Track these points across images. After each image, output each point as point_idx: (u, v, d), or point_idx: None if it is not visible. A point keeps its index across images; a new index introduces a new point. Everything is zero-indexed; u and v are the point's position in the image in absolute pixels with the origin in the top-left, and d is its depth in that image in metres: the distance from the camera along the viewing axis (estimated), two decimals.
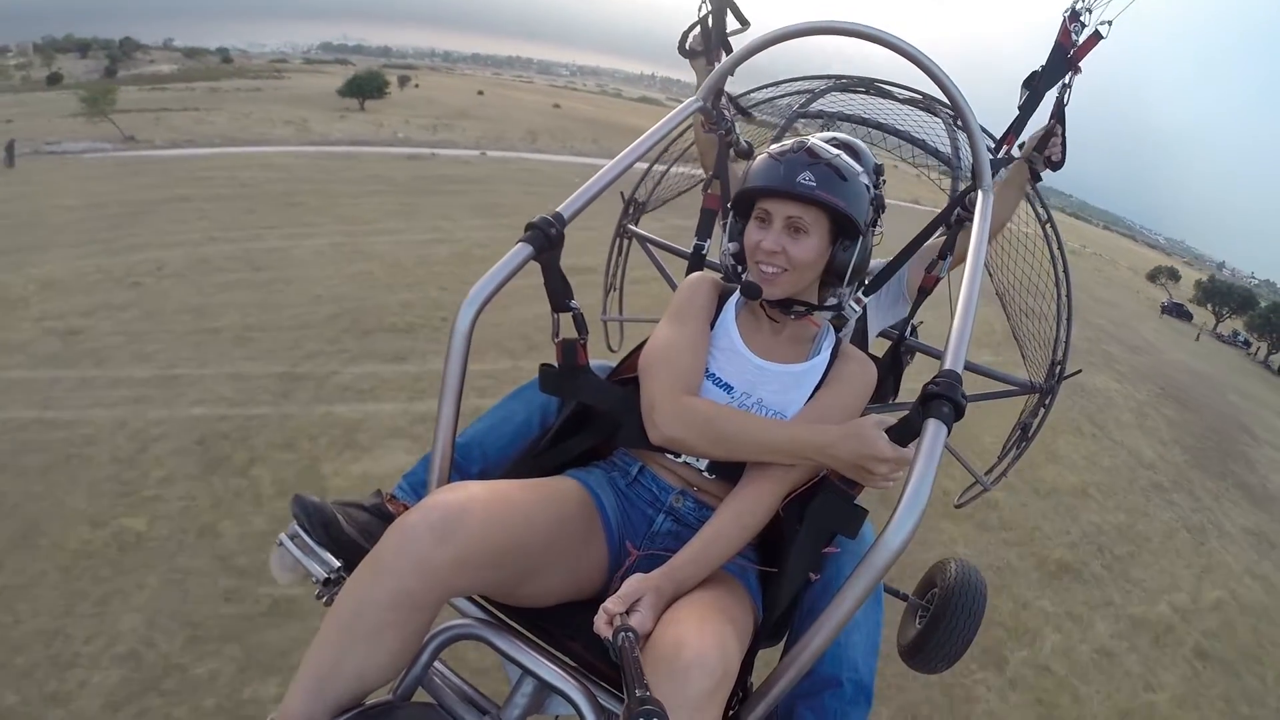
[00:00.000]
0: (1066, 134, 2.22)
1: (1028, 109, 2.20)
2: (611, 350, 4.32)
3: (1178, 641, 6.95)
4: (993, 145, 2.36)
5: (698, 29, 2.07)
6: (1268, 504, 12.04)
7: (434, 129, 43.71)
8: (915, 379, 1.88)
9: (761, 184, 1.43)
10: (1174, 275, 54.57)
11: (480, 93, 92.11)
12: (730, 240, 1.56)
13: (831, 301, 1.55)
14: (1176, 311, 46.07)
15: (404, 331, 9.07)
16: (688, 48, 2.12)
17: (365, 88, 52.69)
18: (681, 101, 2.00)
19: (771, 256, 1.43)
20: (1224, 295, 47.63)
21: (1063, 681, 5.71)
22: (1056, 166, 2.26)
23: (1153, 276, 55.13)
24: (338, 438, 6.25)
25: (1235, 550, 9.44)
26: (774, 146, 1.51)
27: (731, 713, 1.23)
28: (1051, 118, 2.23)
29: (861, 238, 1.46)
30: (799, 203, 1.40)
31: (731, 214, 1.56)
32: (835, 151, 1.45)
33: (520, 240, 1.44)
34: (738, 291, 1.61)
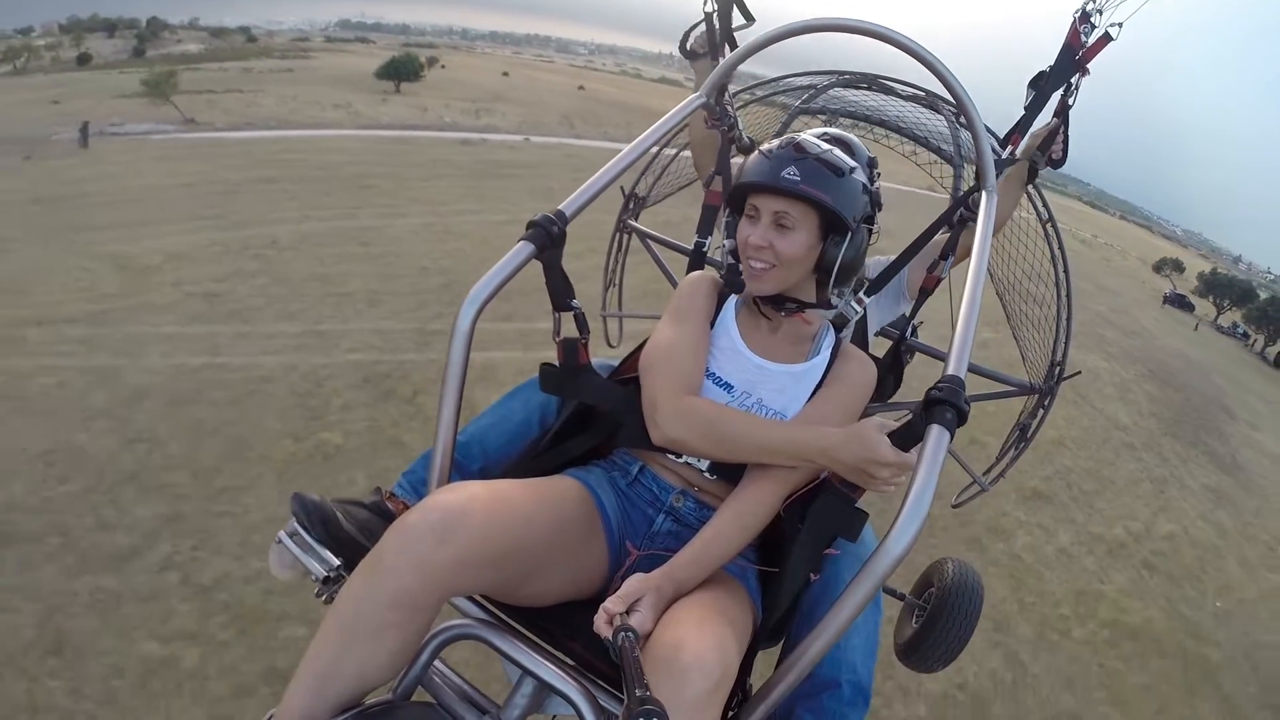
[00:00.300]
0: (1069, 132, 2.24)
1: (1034, 109, 2.17)
2: (611, 346, 4.27)
3: (1129, 555, 8.77)
4: (997, 145, 2.36)
5: (700, 29, 2.10)
6: (1233, 471, 13.63)
7: (475, 113, 45.10)
8: (914, 376, 2.04)
9: (749, 179, 1.46)
10: (1178, 267, 55.06)
11: (505, 74, 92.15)
12: (727, 237, 1.59)
13: (830, 300, 1.56)
14: (1178, 302, 47.67)
15: (502, 299, 10.95)
16: (689, 48, 2.15)
17: (402, 71, 54.41)
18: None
19: (759, 252, 1.45)
20: (1225, 288, 49.15)
21: (1030, 567, 7.59)
22: (1058, 164, 2.28)
23: (1158, 267, 56.04)
24: (478, 376, 7.93)
25: (1193, 501, 11.16)
26: (766, 144, 1.53)
27: (731, 714, 1.24)
28: (1055, 115, 2.23)
29: (851, 234, 1.45)
30: (784, 197, 1.42)
31: (727, 211, 1.58)
32: (826, 147, 1.46)
33: (521, 239, 1.46)
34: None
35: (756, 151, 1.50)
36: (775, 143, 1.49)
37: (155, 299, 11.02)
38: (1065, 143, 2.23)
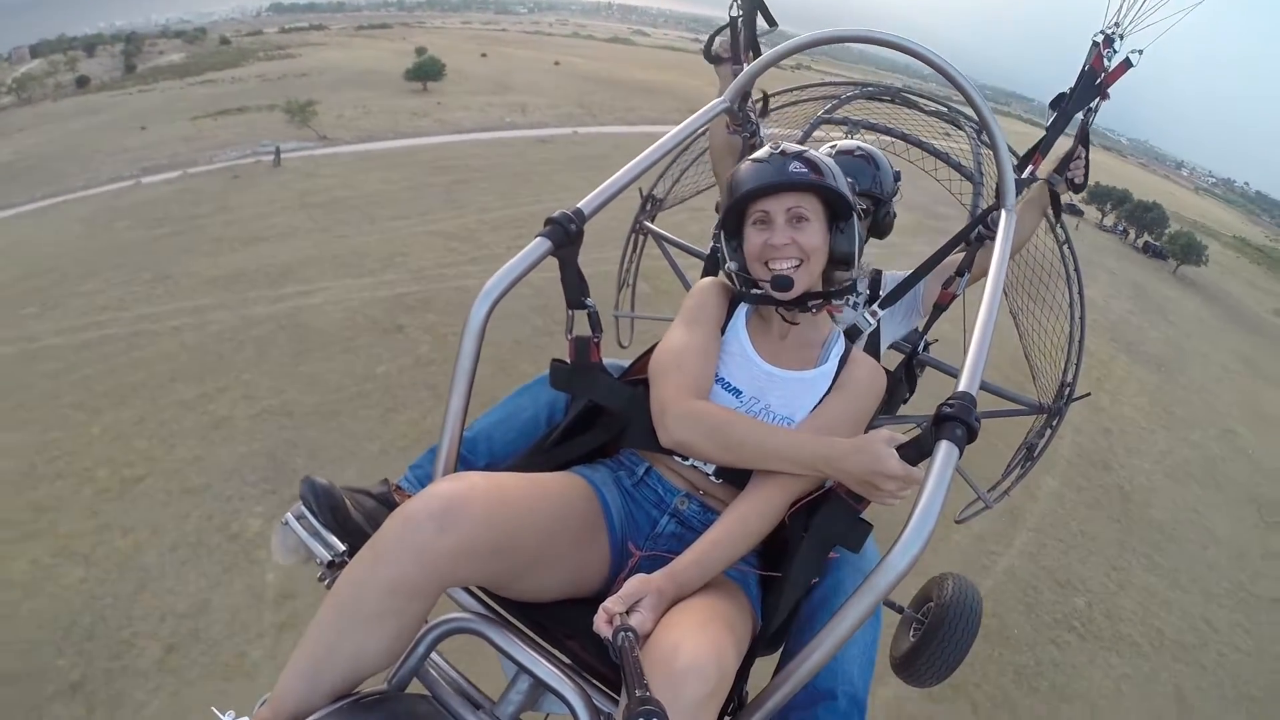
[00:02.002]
0: (1089, 156, 2.31)
1: (1055, 130, 2.26)
2: (622, 346, 4.40)
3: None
4: (1017, 164, 2.39)
5: (725, 33, 2.15)
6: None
7: (523, 110, 51.11)
8: (927, 392, 2.08)
9: (754, 184, 1.51)
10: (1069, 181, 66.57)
11: (484, 55, 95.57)
12: (731, 260, 1.61)
13: (848, 284, 1.61)
14: (1070, 210, 57.47)
15: None
16: (714, 53, 2.21)
17: (429, 71, 60.96)
18: (648, 33, 5.24)
19: (783, 250, 1.50)
20: (1106, 196, 59.04)
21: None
22: (1079, 189, 2.34)
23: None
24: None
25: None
26: (747, 159, 1.59)
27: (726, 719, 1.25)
28: (1076, 140, 2.31)
29: (855, 217, 1.55)
30: (796, 192, 1.50)
31: (722, 236, 1.63)
32: (803, 147, 1.56)
33: (539, 235, 1.50)
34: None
35: (748, 164, 1.56)
36: (759, 153, 1.57)
37: (493, 249, 19.00)
38: (1086, 166, 2.30)
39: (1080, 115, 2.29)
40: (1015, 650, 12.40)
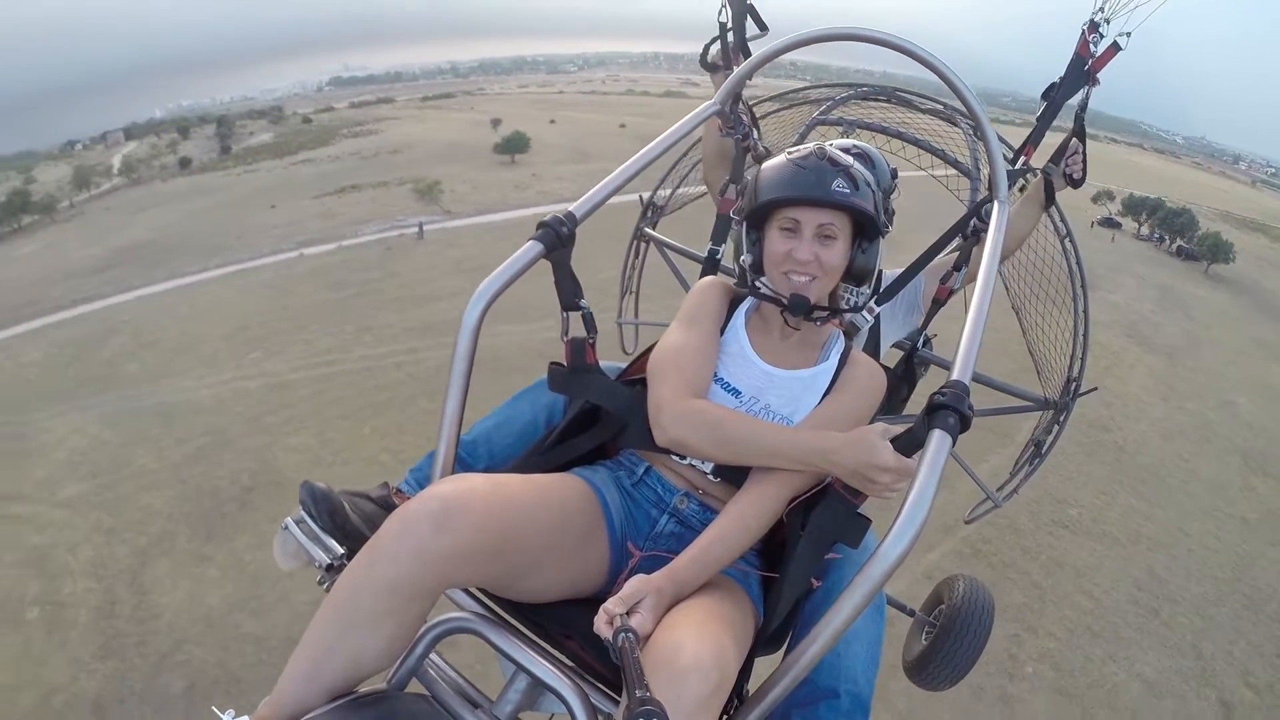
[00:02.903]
0: (1086, 149, 2.33)
1: (1045, 120, 2.33)
2: (626, 353, 4.36)
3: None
4: (1011, 156, 2.47)
5: (718, 42, 2.19)
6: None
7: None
8: (929, 388, 2.07)
9: (792, 193, 1.49)
10: (1110, 196, 67.51)
11: (552, 121, 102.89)
12: (748, 252, 1.61)
13: (849, 303, 1.61)
14: (1108, 224, 61.40)
15: None
16: (709, 61, 2.24)
17: (516, 145, 67.35)
18: (698, 82, 7.26)
19: (805, 266, 1.50)
20: (1140, 206, 62.20)
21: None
22: (1077, 184, 2.35)
23: (1095, 199, 67.92)
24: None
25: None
26: (788, 154, 1.56)
27: (725, 718, 1.26)
28: (1072, 134, 2.34)
29: (879, 239, 1.57)
30: (829, 209, 1.48)
31: (745, 227, 1.61)
32: (850, 158, 1.54)
33: (531, 238, 1.51)
34: (749, 298, 1.70)
35: (786, 163, 1.53)
36: (799, 152, 1.54)
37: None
38: (1084, 160, 2.31)
39: (1078, 110, 2.32)
40: (1021, 536, 18.43)
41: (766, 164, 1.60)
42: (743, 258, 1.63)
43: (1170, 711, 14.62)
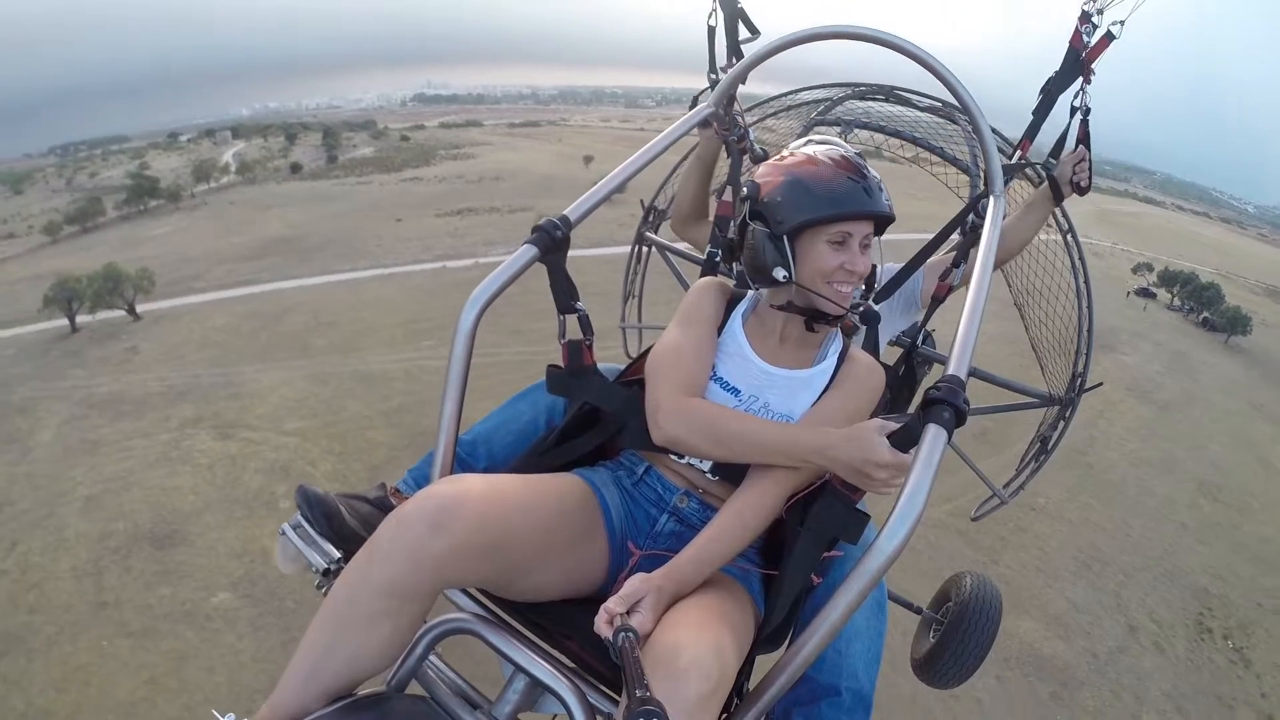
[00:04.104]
0: (1092, 157, 2.43)
1: (1041, 113, 2.34)
2: (630, 358, 3.86)
3: None
4: (1008, 151, 2.54)
5: (708, 93, 2.25)
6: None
7: None
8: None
9: (852, 207, 1.53)
10: (1149, 268, 72.49)
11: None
12: (778, 264, 1.58)
13: (856, 303, 1.72)
14: (1144, 293, 66.79)
15: None
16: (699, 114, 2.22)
17: None
18: (772, 128, 2.54)
19: (855, 277, 1.57)
20: (1175, 279, 67.01)
21: None
22: (1084, 191, 2.45)
23: (1135, 269, 74.77)
24: None
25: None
26: (818, 160, 1.58)
27: (725, 716, 1.30)
28: (1078, 142, 2.44)
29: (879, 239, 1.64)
30: (869, 221, 1.57)
31: (785, 240, 1.57)
32: (865, 162, 1.61)
33: (526, 241, 1.58)
34: (746, 297, 1.78)
35: (827, 170, 1.55)
36: (834, 159, 1.57)
37: None
38: (1090, 168, 2.41)
39: (1080, 116, 2.36)
40: (994, 515, 26.24)
41: (799, 171, 1.57)
42: (779, 272, 1.58)
43: (1086, 621, 20.51)
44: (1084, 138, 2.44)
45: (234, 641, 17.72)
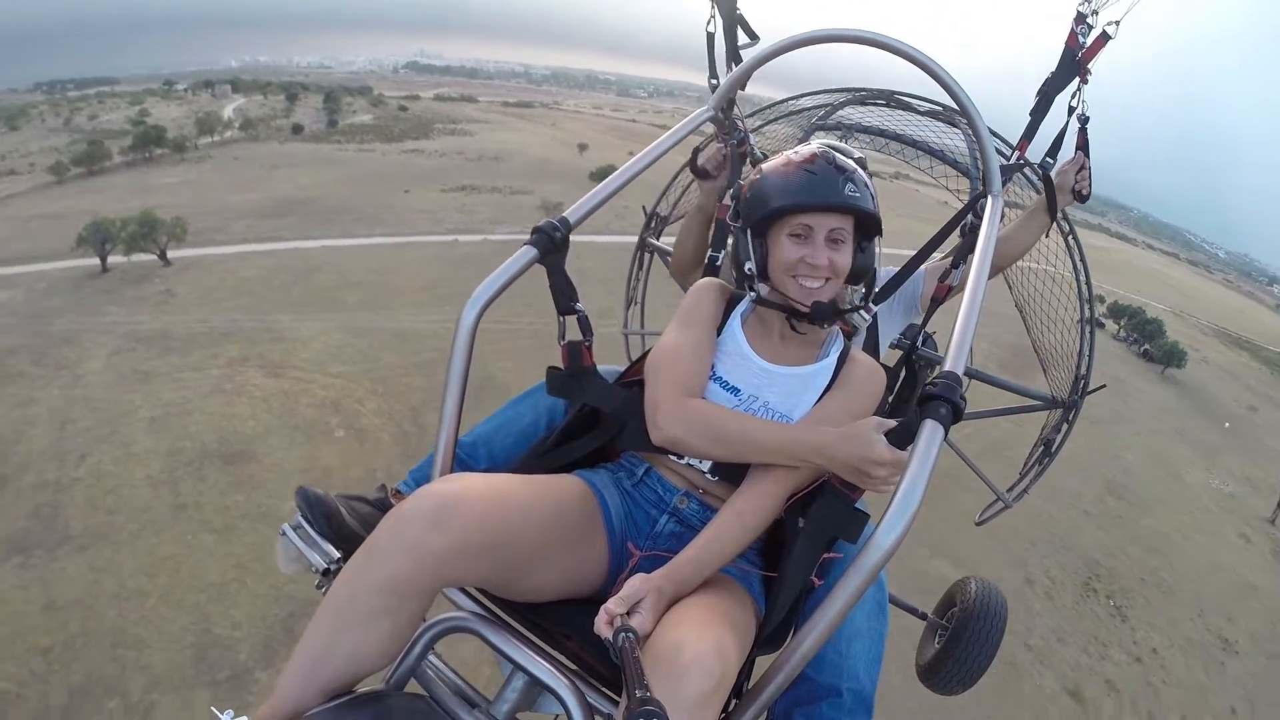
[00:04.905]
0: (1091, 165, 2.44)
1: (1038, 114, 2.34)
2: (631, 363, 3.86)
3: None
4: (1007, 153, 2.55)
5: (712, 145, 2.29)
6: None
7: None
8: None
9: (807, 199, 1.55)
10: (1102, 299, 74.06)
11: (631, 153, 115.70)
12: (748, 259, 1.65)
13: (849, 303, 1.72)
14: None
15: None
16: (700, 167, 2.31)
17: (608, 176, 77.97)
18: (766, 133, 2.45)
19: (817, 270, 1.57)
20: (1123, 311, 70.80)
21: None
22: (1084, 199, 2.46)
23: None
24: None
25: None
26: (789, 159, 1.63)
27: (724, 716, 1.30)
28: (1077, 149, 2.44)
29: (877, 238, 1.64)
30: (840, 214, 1.56)
31: (749, 233, 1.64)
32: (852, 161, 1.62)
33: (526, 243, 1.58)
34: (746, 297, 1.76)
35: (793, 168, 1.60)
36: (801, 156, 1.61)
37: None
38: (1089, 176, 2.44)
39: (1079, 123, 2.37)
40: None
41: (768, 169, 1.65)
42: (747, 265, 1.65)
43: (990, 569, 23.97)
44: (1083, 145, 2.45)
45: None
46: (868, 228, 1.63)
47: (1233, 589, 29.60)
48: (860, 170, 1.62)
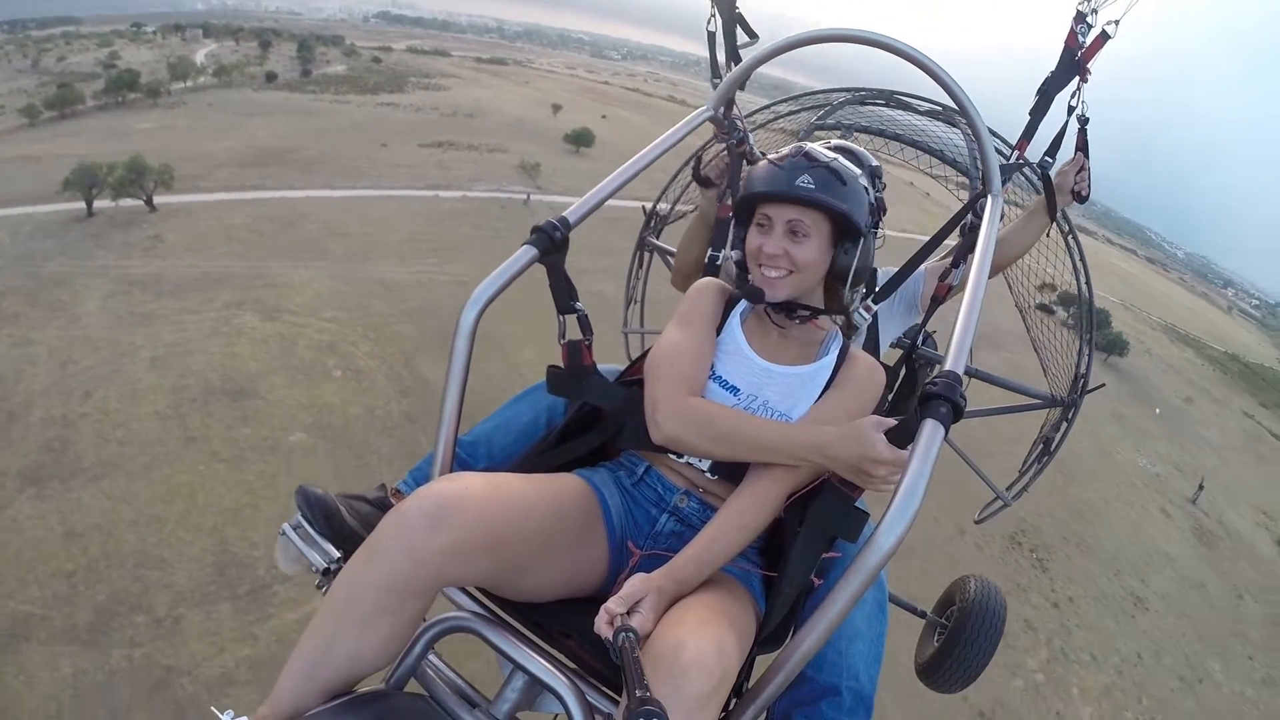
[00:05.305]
0: (1090, 166, 2.39)
1: (1038, 113, 2.30)
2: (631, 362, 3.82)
3: None
4: (1006, 152, 2.52)
5: (717, 150, 2.26)
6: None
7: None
8: None
9: (761, 189, 1.58)
10: (1053, 288, 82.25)
11: (604, 116, 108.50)
12: (733, 248, 1.70)
13: (844, 306, 1.70)
14: (1042, 308, 77.07)
15: None
16: (703, 175, 2.29)
17: (583, 140, 76.89)
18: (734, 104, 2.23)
19: (774, 260, 1.58)
20: (1070, 300, 76.27)
21: None
22: (1083, 200, 2.44)
23: (1040, 287, 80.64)
24: None
25: None
26: (773, 153, 1.64)
27: (724, 715, 1.29)
28: (1076, 149, 2.41)
29: (863, 240, 1.60)
30: (798, 206, 1.55)
31: (734, 222, 1.69)
32: (833, 155, 1.59)
33: (525, 243, 1.57)
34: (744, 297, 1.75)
35: (764, 161, 1.62)
36: (783, 151, 1.62)
37: None
38: (1089, 177, 2.41)
39: (1079, 124, 2.35)
40: None
41: (758, 164, 1.66)
42: (732, 253, 1.73)
43: (924, 516, 26.75)
44: (1083, 146, 2.43)
45: (315, 465, 22.02)
46: (845, 228, 1.60)
47: (1149, 555, 31.47)
48: (845, 169, 1.61)
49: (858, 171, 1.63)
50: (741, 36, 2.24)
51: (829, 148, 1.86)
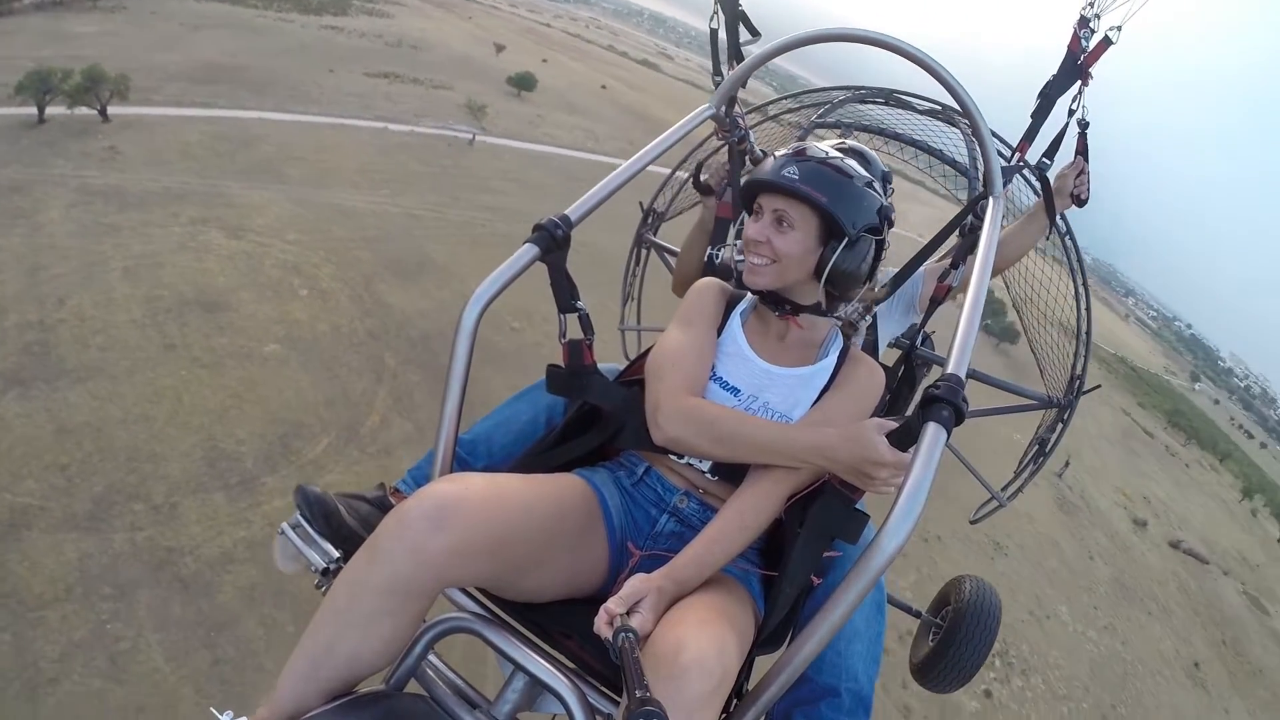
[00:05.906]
0: (1089, 170, 2.34)
1: (1039, 116, 2.26)
2: (629, 360, 3.70)
3: None
4: (1007, 154, 2.46)
5: (719, 156, 2.19)
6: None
7: (595, 138, 67.70)
8: None
9: (755, 176, 1.55)
10: (1001, 312, 79.80)
11: (544, 61, 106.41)
12: (737, 237, 1.70)
13: (830, 307, 1.62)
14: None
15: None
16: (703, 182, 2.25)
17: (526, 84, 75.87)
18: (672, 55, 7.40)
19: (756, 246, 1.53)
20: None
21: None
22: (1082, 203, 2.39)
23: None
24: None
25: None
26: (782, 149, 1.60)
27: (724, 716, 1.26)
28: (1077, 153, 2.35)
29: (849, 240, 1.50)
30: (783, 195, 1.51)
31: (743, 215, 1.68)
32: (835, 154, 1.54)
33: (527, 241, 1.51)
34: (746, 298, 1.72)
35: (770, 156, 1.58)
36: (790, 147, 1.59)
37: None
38: (1089, 180, 2.35)
39: (1079, 127, 2.31)
40: None
41: (766, 158, 1.61)
42: (735, 241, 1.69)
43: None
44: (1083, 150, 2.39)
45: (291, 373, 23.59)
46: (833, 226, 1.51)
47: (1012, 515, 33.22)
48: (844, 166, 1.55)
49: (863, 173, 1.57)
50: (744, 35, 2.19)
51: (840, 148, 1.90)
